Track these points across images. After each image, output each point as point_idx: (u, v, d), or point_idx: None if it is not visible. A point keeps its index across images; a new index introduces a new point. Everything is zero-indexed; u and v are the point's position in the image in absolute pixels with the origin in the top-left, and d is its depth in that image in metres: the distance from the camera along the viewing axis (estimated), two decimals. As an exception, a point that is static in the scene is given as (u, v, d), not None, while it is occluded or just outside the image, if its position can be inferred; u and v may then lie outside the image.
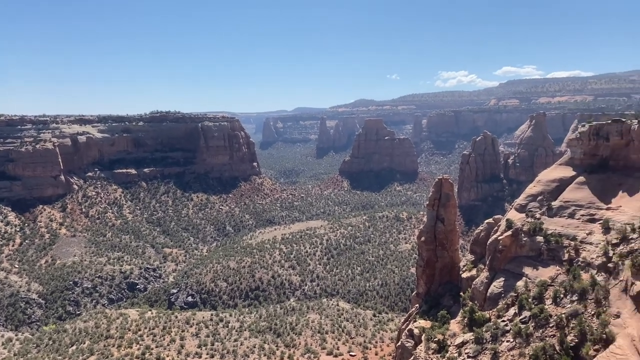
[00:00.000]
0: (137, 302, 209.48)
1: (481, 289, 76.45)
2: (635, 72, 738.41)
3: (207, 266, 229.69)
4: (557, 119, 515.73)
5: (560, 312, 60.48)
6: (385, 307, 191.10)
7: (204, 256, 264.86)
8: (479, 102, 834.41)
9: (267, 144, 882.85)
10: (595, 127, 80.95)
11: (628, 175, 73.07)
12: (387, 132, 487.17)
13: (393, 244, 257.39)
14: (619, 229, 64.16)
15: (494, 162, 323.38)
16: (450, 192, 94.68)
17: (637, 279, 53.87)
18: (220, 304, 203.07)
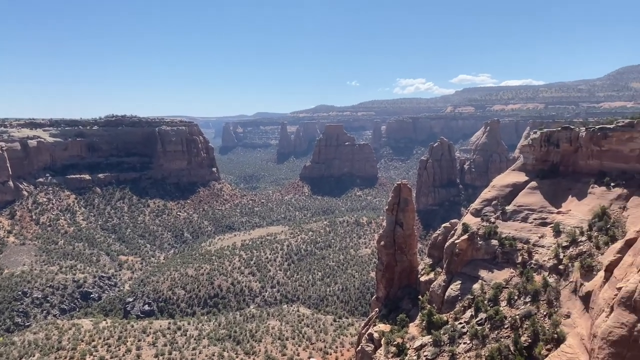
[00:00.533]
0: (91, 312, 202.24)
1: (439, 292, 77.80)
2: (582, 81, 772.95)
3: (165, 274, 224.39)
4: (511, 125, 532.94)
5: (515, 314, 62.25)
6: (345, 312, 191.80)
7: (161, 263, 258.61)
8: (436, 109, 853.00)
9: (227, 149, 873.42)
10: (546, 134, 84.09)
11: (577, 181, 76.17)
12: (348, 138, 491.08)
13: (353, 249, 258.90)
14: (569, 232, 66.72)
15: (450, 167, 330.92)
16: (409, 197, 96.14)
17: (586, 280, 56.07)
18: (178, 312, 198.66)
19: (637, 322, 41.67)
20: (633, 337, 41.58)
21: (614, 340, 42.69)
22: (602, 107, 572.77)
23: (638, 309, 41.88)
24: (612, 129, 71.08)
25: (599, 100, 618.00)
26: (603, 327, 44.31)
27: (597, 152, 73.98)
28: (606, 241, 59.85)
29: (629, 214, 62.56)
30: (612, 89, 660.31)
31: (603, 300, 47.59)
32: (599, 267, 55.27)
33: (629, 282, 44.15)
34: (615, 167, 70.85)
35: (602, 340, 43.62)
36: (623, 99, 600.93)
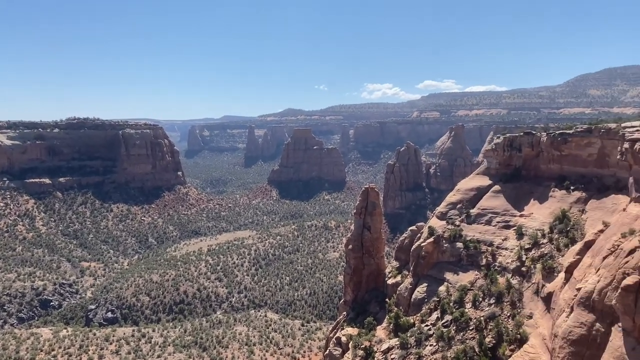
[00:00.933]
0: (50, 321, 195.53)
1: (406, 295, 78.44)
2: (544, 88, 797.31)
3: (128, 280, 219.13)
4: (475, 130, 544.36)
5: (480, 315, 63.30)
6: (313, 316, 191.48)
7: (125, 270, 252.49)
8: (402, 114, 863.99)
9: (193, 152, 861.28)
10: (508, 139, 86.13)
11: (538, 184, 78.23)
12: (316, 142, 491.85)
13: (322, 253, 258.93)
14: (531, 235, 68.39)
15: (416, 171, 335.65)
16: (377, 201, 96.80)
17: (547, 282, 57.50)
18: (143, 319, 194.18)
19: (596, 321, 42.93)
20: (592, 336, 42.81)
21: (573, 340, 43.86)
22: (562, 113, 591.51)
23: (596, 308, 43.16)
24: (572, 135, 73.32)
25: (559, 107, 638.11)
26: (563, 327, 45.47)
27: (558, 157, 76.16)
28: (566, 243, 61.58)
29: (588, 217, 64.55)
30: (571, 96, 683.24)
31: (563, 301, 48.87)
32: (559, 269, 56.79)
33: (587, 283, 45.48)
34: (575, 171, 73.07)
35: (563, 340, 44.75)
36: (581, 105, 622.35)
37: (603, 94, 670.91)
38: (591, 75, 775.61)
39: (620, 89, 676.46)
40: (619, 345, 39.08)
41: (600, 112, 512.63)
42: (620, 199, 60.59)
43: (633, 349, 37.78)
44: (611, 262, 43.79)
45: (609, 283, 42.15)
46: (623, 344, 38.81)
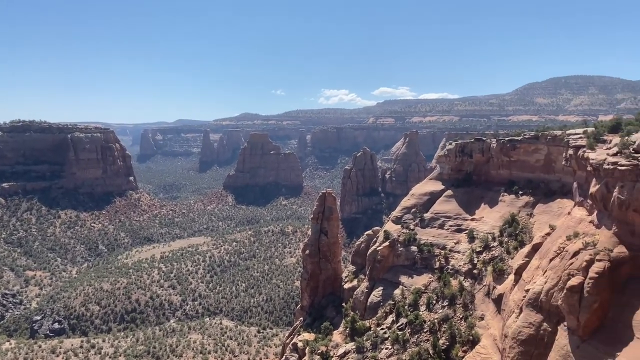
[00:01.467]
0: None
1: (362, 299, 79.02)
2: (493, 96, 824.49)
3: (77, 289, 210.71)
4: (428, 137, 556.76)
5: (433, 318, 64.50)
6: (270, 323, 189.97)
7: (74, 278, 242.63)
8: (359, 120, 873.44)
9: (146, 157, 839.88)
10: (460, 145, 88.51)
11: (489, 189, 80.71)
12: (273, 147, 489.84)
13: (278, 259, 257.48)
14: (482, 238, 70.38)
15: (373, 176, 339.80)
16: (333, 206, 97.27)
17: (498, 283, 59.23)
18: (92, 329, 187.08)
19: (543, 321, 44.50)
20: (539, 336, 44.33)
21: (522, 340, 45.29)
22: (511, 120, 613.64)
23: (544, 309, 44.75)
24: (520, 141, 76.10)
25: (508, 114, 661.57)
26: (513, 327, 46.89)
27: (507, 162, 78.84)
28: (515, 246, 63.69)
29: (535, 220, 67.04)
30: (519, 104, 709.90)
31: (513, 302, 50.42)
32: (509, 271, 58.63)
33: (535, 284, 47.13)
34: (523, 176, 75.84)
35: (513, 340, 46.12)
36: (529, 112, 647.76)
37: (549, 102, 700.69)
38: (538, 84, 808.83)
39: (565, 97, 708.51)
40: (565, 344, 40.63)
41: (546, 119, 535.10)
42: (566, 203, 63.24)
43: (577, 347, 39.35)
44: (557, 264, 45.54)
45: (555, 284, 43.80)
46: (568, 342, 40.37)
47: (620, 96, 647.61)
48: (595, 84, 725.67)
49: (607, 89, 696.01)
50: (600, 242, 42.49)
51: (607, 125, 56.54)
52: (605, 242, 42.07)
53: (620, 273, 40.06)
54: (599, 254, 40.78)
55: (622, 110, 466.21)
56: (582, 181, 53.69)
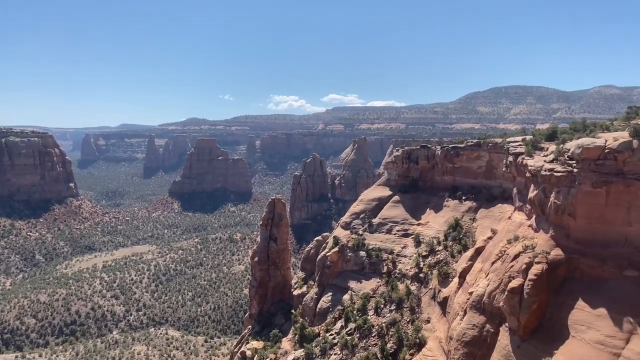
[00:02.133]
0: None
1: (311, 305, 78.93)
2: (438, 104, 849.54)
3: (11, 301, 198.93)
4: (376, 143, 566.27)
5: (381, 322, 65.24)
6: (217, 332, 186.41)
7: (7, 290, 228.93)
8: (308, 126, 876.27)
9: (87, 162, 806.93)
10: (407, 151, 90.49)
11: (434, 195, 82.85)
12: (221, 152, 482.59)
13: (226, 266, 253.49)
14: (428, 242, 72.04)
15: (322, 182, 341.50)
16: (283, 212, 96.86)
17: (443, 287, 60.69)
18: (28, 343, 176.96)
19: (486, 322, 45.92)
20: (483, 337, 45.69)
21: (467, 341, 46.52)
22: (455, 128, 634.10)
23: (487, 310, 46.20)
24: (463, 148, 78.64)
25: (452, 122, 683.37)
26: (458, 329, 48.10)
27: (451, 169, 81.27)
28: (459, 250, 65.58)
29: (478, 225, 69.32)
30: (462, 112, 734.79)
31: (458, 305, 51.77)
32: (454, 274, 60.24)
33: (478, 287, 48.60)
34: (466, 182, 78.35)
35: (457, 342, 47.30)
36: (471, 121, 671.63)
37: (490, 111, 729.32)
38: (480, 93, 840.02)
39: (505, 106, 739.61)
40: (506, 344, 42.06)
41: (488, 127, 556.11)
42: (506, 207, 65.77)
43: (518, 347, 40.82)
44: (499, 267, 47.18)
45: (497, 286, 45.33)
46: (510, 342, 41.82)
47: (556, 106, 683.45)
48: (533, 94, 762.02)
49: (544, 99, 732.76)
50: (538, 245, 44.37)
51: (544, 133, 59.33)
52: (543, 245, 43.97)
53: (557, 274, 41.95)
54: (537, 257, 42.56)
55: (557, 119, 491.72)
56: (522, 187, 55.98)
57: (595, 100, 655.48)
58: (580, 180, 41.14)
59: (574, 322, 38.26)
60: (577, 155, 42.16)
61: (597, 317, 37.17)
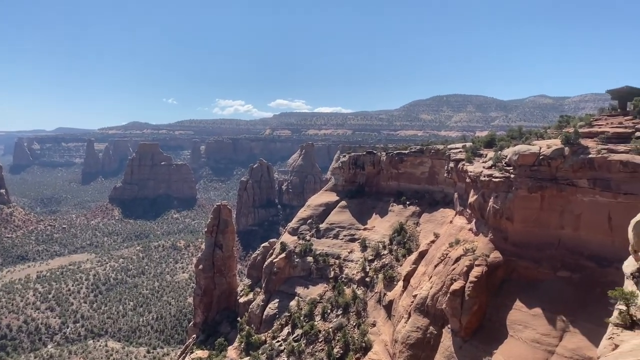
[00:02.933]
0: None
1: (257, 312, 78.09)
2: (383, 111, 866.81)
3: None
4: (324, 149, 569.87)
5: (328, 327, 65.42)
6: (160, 342, 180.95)
7: None
8: (255, 131, 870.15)
9: (20, 167, 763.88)
10: (353, 157, 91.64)
11: (379, 199, 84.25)
12: (164, 157, 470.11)
13: (170, 275, 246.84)
14: (374, 247, 73.04)
15: (269, 188, 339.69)
16: (229, 218, 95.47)
17: (388, 290, 61.65)
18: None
19: (430, 325, 47.00)
20: (426, 339, 46.72)
21: (411, 344, 47.42)
22: (399, 134, 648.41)
23: (430, 313, 47.30)
24: (407, 154, 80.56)
25: (397, 129, 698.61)
26: (402, 332, 48.96)
27: (396, 174, 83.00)
28: (404, 254, 66.90)
29: (421, 229, 71.04)
30: (406, 119, 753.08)
31: (402, 308, 52.72)
32: (398, 278, 61.35)
33: (422, 290, 49.71)
34: (410, 187, 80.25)
35: (402, 345, 48.12)
36: (415, 128, 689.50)
37: (432, 118, 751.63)
38: (423, 101, 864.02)
39: (446, 114, 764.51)
40: (449, 345, 43.20)
41: (430, 134, 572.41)
42: (448, 212, 67.79)
43: (460, 348, 42.00)
44: (441, 270, 48.47)
45: (440, 289, 46.53)
46: (452, 343, 42.98)
47: (494, 114, 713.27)
48: (473, 102, 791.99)
49: (483, 107, 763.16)
50: (478, 248, 45.95)
51: (482, 140, 61.70)
52: (482, 248, 45.58)
53: (496, 276, 43.58)
54: (477, 259, 44.05)
55: (495, 127, 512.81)
56: (462, 192, 57.88)
57: (530, 109, 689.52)
58: (516, 186, 42.99)
59: (512, 322, 39.82)
60: (513, 161, 44.06)
61: (533, 316, 38.86)
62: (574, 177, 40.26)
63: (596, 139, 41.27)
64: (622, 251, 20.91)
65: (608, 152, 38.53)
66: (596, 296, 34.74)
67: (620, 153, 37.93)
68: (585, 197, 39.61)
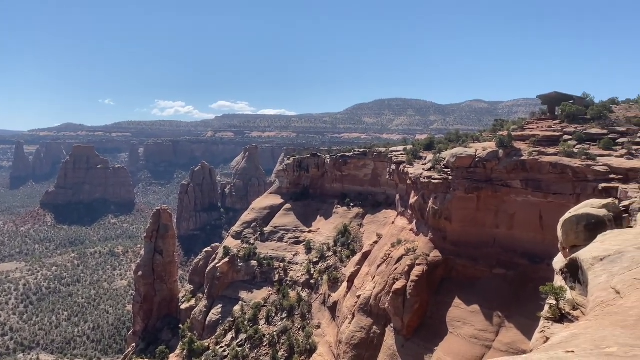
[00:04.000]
0: None
1: (200, 318, 76.48)
2: (327, 114, 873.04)
3: None
4: (268, 151, 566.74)
5: (273, 330, 65.03)
6: (97, 352, 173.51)
7: None
8: (196, 133, 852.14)
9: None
10: (298, 160, 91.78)
11: (324, 202, 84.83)
12: (100, 160, 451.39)
13: (107, 282, 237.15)
14: (318, 249, 73.40)
15: (212, 191, 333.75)
16: (169, 223, 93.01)
17: (333, 292, 62.08)
18: None
19: (373, 324, 47.70)
20: (370, 339, 47.39)
21: (355, 344, 47.94)
22: (343, 137, 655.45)
23: (373, 313, 48.02)
24: (350, 157, 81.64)
25: (340, 132, 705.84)
26: (347, 332, 49.42)
27: (340, 177, 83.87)
28: (348, 255, 67.65)
29: (365, 230, 72.11)
30: (350, 122, 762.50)
31: (346, 308, 53.22)
32: (342, 279, 61.92)
33: (365, 290, 50.40)
34: (354, 189, 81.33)
35: (346, 345, 48.56)
36: (358, 131, 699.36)
37: (375, 121, 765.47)
38: (365, 105, 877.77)
39: (388, 118, 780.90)
40: (392, 344, 44.01)
41: (373, 137, 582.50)
42: (390, 213, 69.20)
43: (402, 346, 42.89)
44: (384, 270, 49.35)
45: (382, 288, 47.34)
46: (395, 342, 43.83)
47: (433, 118, 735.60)
48: (413, 106, 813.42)
49: (422, 111, 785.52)
50: (419, 248, 47.16)
51: (422, 143, 63.50)
52: (423, 248, 46.82)
53: (436, 275, 44.88)
54: (418, 259, 45.20)
55: (434, 131, 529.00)
56: (403, 193, 59.27)
57: (467, 113, 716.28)
58: (454, 187, 44.49)
59: (452, 319, 41.12)
60: (451, 163, 45.57)
61: (471, 313, 40.31)
62: (507, 179, 42.15)
63: (528, 142, 43.43)
64: (552, 248, 22.08)
65: (539, 155, 40.63)
66: (529, 292, 36.49)
67: (550, 155, 40.10)
68: (518, 197, 41.56)
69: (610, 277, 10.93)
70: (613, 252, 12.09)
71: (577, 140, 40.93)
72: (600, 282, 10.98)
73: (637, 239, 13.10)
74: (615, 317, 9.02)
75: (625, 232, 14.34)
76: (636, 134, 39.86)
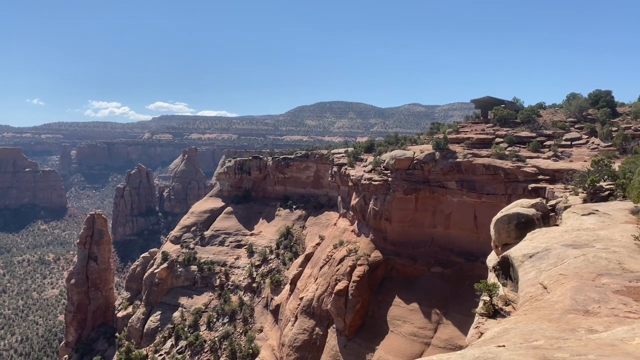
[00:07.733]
0: None
1: (138, 326, 73.98)
2: (269, 116, 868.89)
3: None
4: (208, 154, 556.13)
5: (214, 336, 63.90)
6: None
7: None
8: (133, 135, 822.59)
9: None
10: (239, 162, 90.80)
11: (266, 204, 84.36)
12: (29, 164, 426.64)
13: (37, 291, 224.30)
14: (260, 252, 72.89)
15: (149, 195, 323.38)
16: (104, 228, 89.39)
17: (275, 295, 61.82)
18: None
19: (316, 326, 47.90)
20: (312, 340, 47.55)
21: (298, 346, 47.96)
22: (285, 139, 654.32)
23: (316, 314, 48.22)
24: (293, 159, 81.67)
25: (282, 134, 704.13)
26: (289, 335, 49.35)
27: (282, 179, 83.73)
28: (291, 257, 67.59)
29: (307, 232, 72.35)
30: (292, 125, 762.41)
31: (289, 311, 53.15)
32: (285, 281, 61.80)
33: (308, 292, 50.54)
34: (296, 191, 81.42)
35: (289, 348, 48.48)
36: (300, 133, 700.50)
37: (317, 124, 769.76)
38: (307, 107, 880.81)
39: (330, 120, 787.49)
40: (334, 345, 44.36)
41: (315, 139, 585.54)
42: (332, 215, 69.82)
43: (345, 347, 43.33)
44: (326, 271, 49.69)
45: (325, 290, 47.64)
46: (337, 343, 44.20)
47: (373, 121, 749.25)
48: (354, 109, 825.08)
49: (363, 114, 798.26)
50: (360, 249, 47.86)
51: (363, 145, 64.55)
52: (364, 248, 47.56)
53: (377, 275, 45.69)
54: (359, 259, 45.86)
55: (374, 133, 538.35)
56: (345, 195, 59.98)
57: (405, 117, 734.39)
58: (394, 188, 45.52)
59: (392, 317, 42.00)
60: (391, 165, 46.60)
61: (410, 311, 41.35)
62: (444, 180, 43.61)
63: (463, 145, 45.09)
64: (486, 247, 23.04)
65: (473, 157, 42.30)
66: (466, 289, 37.84)
67: (483, 157, 41.83)
68: (454, 198, 43.09)
69: (538, 273, 11.52)
70: (541, 249, 12.76)
71: (508, 142, 42.90)
72: (529, 278, 11.57)
73: (562, 236, 13.92)
74: (542, 312, 9.51)
75: (552, 230, 15.18)
76: (561, 137, 42.32)
